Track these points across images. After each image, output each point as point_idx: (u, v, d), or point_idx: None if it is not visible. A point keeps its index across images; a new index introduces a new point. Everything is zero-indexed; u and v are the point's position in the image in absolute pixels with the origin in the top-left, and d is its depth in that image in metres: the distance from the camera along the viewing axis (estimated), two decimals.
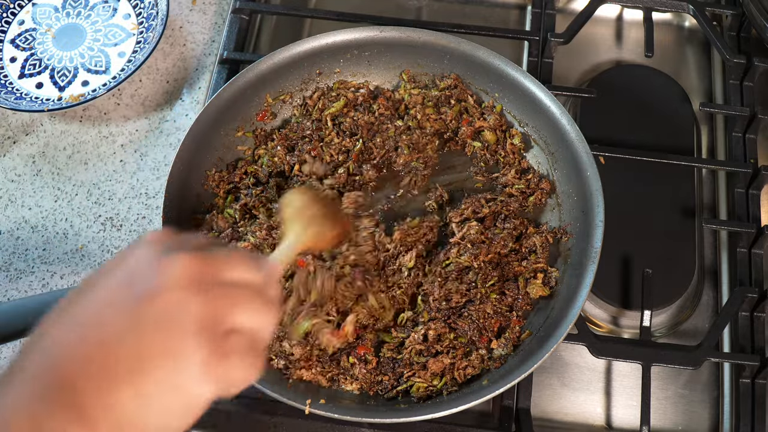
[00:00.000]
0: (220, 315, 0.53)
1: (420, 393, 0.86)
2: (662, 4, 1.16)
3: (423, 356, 0.87)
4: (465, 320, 0.88)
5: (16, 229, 1.03)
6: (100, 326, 0.52)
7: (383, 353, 0.88)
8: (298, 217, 0.79)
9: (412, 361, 0.87)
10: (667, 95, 1.14)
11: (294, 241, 0.75)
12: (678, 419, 0.95)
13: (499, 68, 1.00)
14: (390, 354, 0.88)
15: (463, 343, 0.88)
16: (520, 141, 1.00)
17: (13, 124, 1.12)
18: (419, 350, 0.87)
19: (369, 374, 0.86)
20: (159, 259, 0.54)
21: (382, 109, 1.03)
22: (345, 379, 0.87)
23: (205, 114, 0.97)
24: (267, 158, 0.99)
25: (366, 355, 0.87)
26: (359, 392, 0.87)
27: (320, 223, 0.80)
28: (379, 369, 0.87)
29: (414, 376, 0.86)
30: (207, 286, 0.54)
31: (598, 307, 0.99)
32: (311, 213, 0.80)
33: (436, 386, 0.86)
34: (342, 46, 1.04)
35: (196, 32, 1.19)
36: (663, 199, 1.05)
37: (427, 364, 0.86)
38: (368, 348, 0.88)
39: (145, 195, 1.05)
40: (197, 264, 0.54)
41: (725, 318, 0.93)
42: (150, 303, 0.52)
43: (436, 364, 0.86)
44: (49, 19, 1.17)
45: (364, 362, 0.87)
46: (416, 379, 0.86)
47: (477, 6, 1.27)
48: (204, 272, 0.54)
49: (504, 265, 0.93)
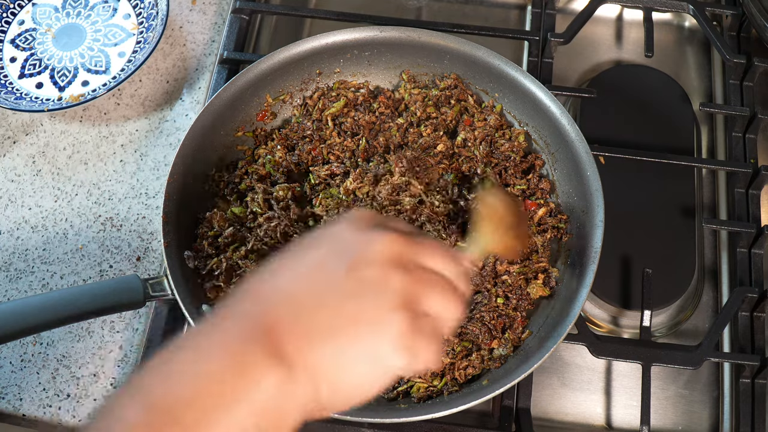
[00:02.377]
0: (418, 295, 0.56)
1: (420, 393, 0.86)
2: (662, 4, 1.16)
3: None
4: (475, 323, 0.88)
5: (16, 229, 1.03)
6: (311, 285, 0.56)
7: None
8: (493, 219, 0.79)
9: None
10: (667, 95, 1.14)
11: (487, 243, 0.76)
12: (678, 419, 0.95)
13: (499, 68, 1.00)
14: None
15: (466, 346, 0.88)
16: (524, 140, 1.00)
17: (13, 124, 1.12)
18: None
19: None
20: (369, 233, 0.58)
21: (383, 108, 1.03)
22: None
23: (205, 114, 0.97)
24: (268, 158, 0.99)
25: None
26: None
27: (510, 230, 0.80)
28: None
29: (414, 376, 0.86)
30: (410, 266, 0.57)
31: (598, 307, 0.99)
32: (505, 218, 0.80)
33: (437, 386, 0.86)
34: (342, 46, 1.04)
35: (196, 32, 1.19)
36: (663, 199, 1.05)
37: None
38: None
39: (145, 195, 1.05)
40: (403, 244, 0.57)
41: (725, 318, 0.93)
42: (358, 272, 0.56)
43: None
44: (49, 19, 1.17)
45: None
46: (416, 379, 0.86)
47: (477, 6, 1.27)
48: (408, 253, 0.57)
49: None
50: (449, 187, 0.95)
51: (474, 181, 0.97)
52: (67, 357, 0.94)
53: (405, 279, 0.56)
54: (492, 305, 0.89)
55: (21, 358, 0.94)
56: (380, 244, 0.57)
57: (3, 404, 0.92)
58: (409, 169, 0.93)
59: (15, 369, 0.94)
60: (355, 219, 0.61)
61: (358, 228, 0.59)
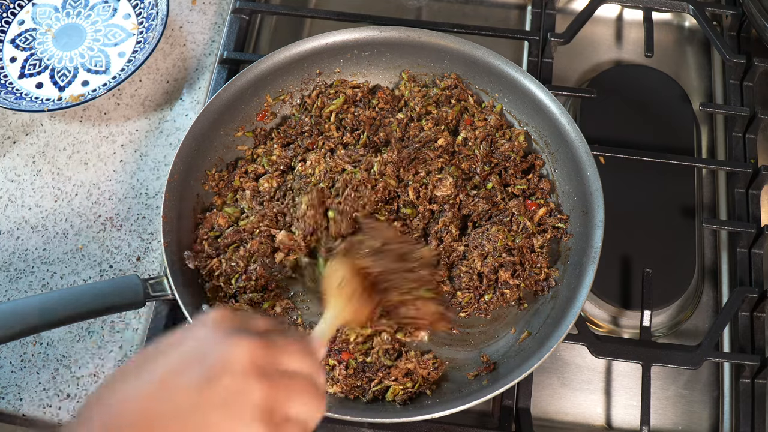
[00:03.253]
0: (279, 403, 0.55)
1: (399, 397, 0.86)
2: (662, 4, 1.16)
3: (390, 358, 0.87)
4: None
5: (16, 229, 1.03)
6: (164, 397, 0.54)
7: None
8: (340, 291, 0.79)
9: (380, 364, 0.87)
10: (667, 95, 1.14)
11: (335, 317, 0.76)
12: (678, 419, 0.95)
13: (499, 68, 1.00)
14: (361, 358, 0.88)
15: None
16: (524, 140, 1.00)
17: (13, 124, 1.12)
18: (386, 350, 0.88)
19: (349, 378, 0.87)
20: (225, 340, 0.56)
21: (382, 104, 1.03)
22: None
23: (205, 114, 0.97)
24: (265, 158, 0.99)
25: (349, 359, 0.88)
26: (343, 395, 0.87)
27: (358, 299, 0.80)
28: (355, 374, 0.87)
29: (387, 378, 0.87)
30: (269, 374, 0.56)
31: (598, 307, 0.99)
32: (352, 288, 0.80)
33: (411, 389, 0.86)
34: (342, 46, 1.04)
35: (196, 32, 1.19)
36: (663, 199, 1.05)
37: (396, 365, 0.87)
38: (351, 354, 0.88)
39: (145, 195, 1.05)
40: (261, 350, 0.56)
41: (725, 318, 0.93)
42: (216, 383, 0.54)
43: (403, 365, 0.87)
44: (49, 19, 1.17)
45: (345, 367, 0.87)
46: (390, 381, 0.86)
47: (477, 6, 1.27)
48: (267, 359, 0.56)
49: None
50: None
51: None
52: (67, 357, 0.94)
53: (264, 388, 0.55)
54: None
55: (21, 358, 0.94)
56: (239, 352, 0.55)
57: (3, 404, 0.92)
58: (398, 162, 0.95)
59: (15, 369, 0.94)
60: (214, 320, 0.59)
61: (216, 331, 0.58)
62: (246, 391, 0.54)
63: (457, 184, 0.96)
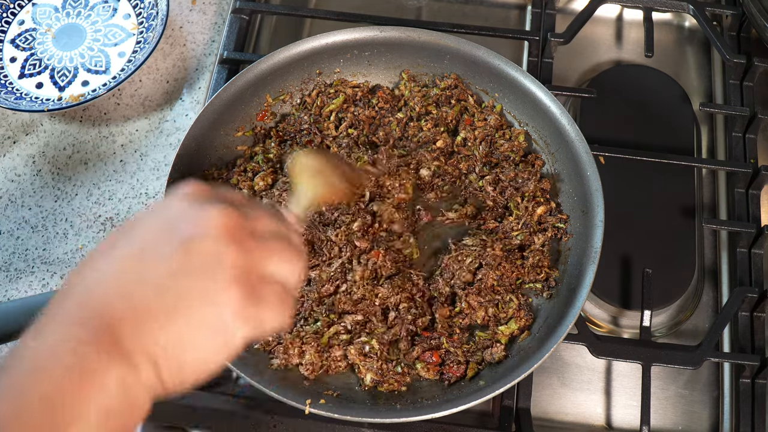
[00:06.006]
0: (253, 265, 0.57)
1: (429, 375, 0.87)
2: (662, 4, 1.16)
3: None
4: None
5: (16, 229, 1.03)
6: (141, 267, 0.55)
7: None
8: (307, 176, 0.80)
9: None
10: (667, 95, 1.14)
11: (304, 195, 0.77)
12: (678, 419, 0.95)
13: (499, 68, 1.00)
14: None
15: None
16: (524, 140, 1.00)
17: (13, 124, 1.12)
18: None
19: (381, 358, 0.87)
20: (198, 208, 0.57)
21: (382, 103, 1.03)
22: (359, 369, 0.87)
23: (205, 114, 0.97)
24: (262, 156, 1.00)
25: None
26: (372, 383, 0.87)
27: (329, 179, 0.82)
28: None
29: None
30: (241, 238, 0.57)
31: (598, 307, 0.99)
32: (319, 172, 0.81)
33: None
34: (342, 46, 1.04)
35: (196, 32, 1.19)
36: (663, 199, 1.05)
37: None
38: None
39: (145, 195, 1.05)
40: (233, 216, 0.57)
41: (725, 318, 0.93)
42: (190, 249, 0.55)
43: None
44: (49, 19, 1.17)
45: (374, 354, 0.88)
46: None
47: (477, 6, 1.27)
48: (238, 224, 0.57)
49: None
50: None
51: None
52: None
53: (239, 252, 0.55)
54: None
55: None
56: (212, 218, 0.56)
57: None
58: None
59: None
60: (187, 193, 0.60)
61: (190, 202, 0.58)
62: (220, 254, 0.55)
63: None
